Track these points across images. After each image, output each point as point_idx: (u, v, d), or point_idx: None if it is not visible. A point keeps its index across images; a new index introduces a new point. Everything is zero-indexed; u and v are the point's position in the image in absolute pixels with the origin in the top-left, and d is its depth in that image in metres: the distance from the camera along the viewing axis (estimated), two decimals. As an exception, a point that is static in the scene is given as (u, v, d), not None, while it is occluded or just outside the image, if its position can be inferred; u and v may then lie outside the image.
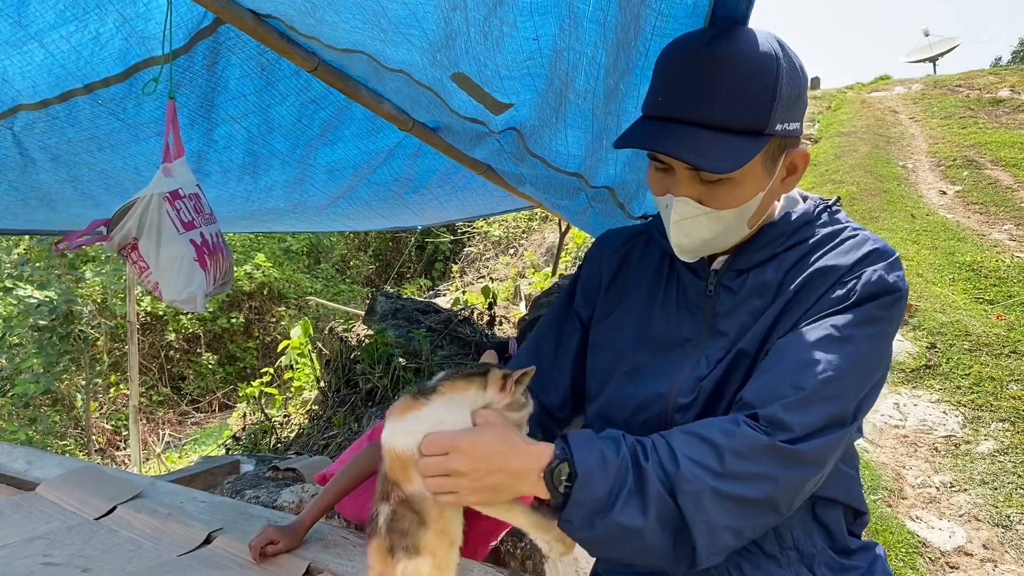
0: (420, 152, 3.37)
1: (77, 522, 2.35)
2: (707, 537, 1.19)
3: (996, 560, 4.09)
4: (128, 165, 3.18)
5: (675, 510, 1.19)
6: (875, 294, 1.32)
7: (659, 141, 1.28)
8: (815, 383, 1.24)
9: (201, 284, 2.61)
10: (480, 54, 1.85)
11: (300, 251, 13.39)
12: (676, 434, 1.25)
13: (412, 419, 1.31)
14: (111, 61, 2.43)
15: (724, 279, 1.48)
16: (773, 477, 1.21)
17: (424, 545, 1.30)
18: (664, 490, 1.18)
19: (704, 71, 1.25)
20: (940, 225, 9.32)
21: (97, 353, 9.79)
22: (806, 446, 1.21)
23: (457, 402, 1.32)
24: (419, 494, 1.29)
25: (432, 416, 1.29)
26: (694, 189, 1.33)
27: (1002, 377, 5.85)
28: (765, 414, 1.24)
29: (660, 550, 1.22)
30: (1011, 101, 14.26)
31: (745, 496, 1.20)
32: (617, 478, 1.19)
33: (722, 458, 1.19)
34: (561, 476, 1.21)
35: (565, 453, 1.21)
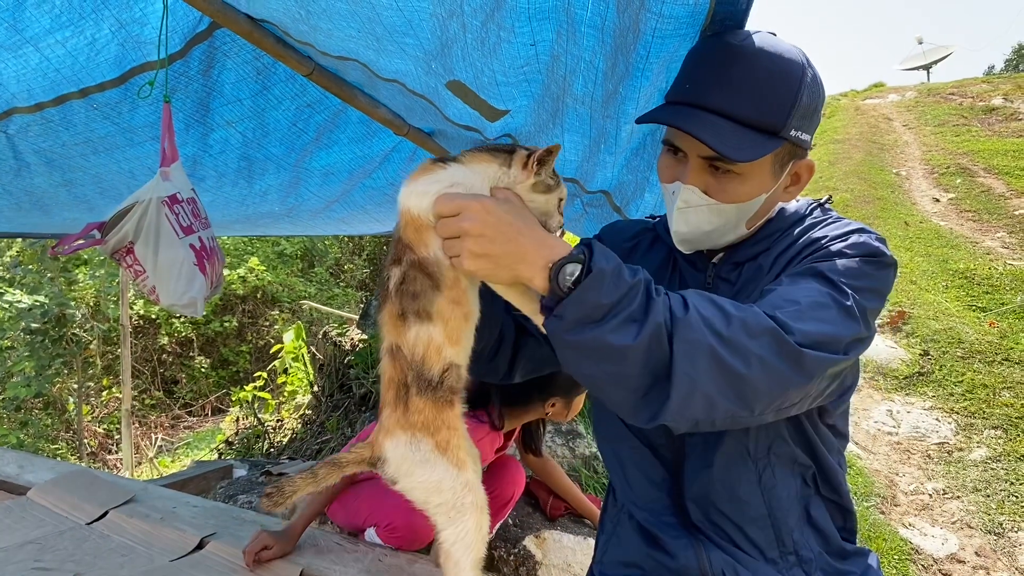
0: (415, 156, 3.36)
1: (69, 527, 2.34)
2: (684, 393, 1.13)
3: (988, 567, 4.10)
4: (123, 169, 3.16)
5: (666, 354, 1.13)
6: (861, 253, 1.34)
7: (683, 120, 1.31)
8: (808, 301, 1.24)
9: (201, 288, 2.61)
10: (477, 60, 1.85)
11: (294, 255, 13.37)
12: (691, 291, 1.22)
13: (427, 180, 1.27)
14: (107, 66, 2.42)
15: (722, 271, 1.53)
16: (767, 362, 1.16)
17: (437, 311, 1.27)
18: (664, 326, 1.14)
19: (733, 64, 1.31)
20: (933, 232, 9.36)
21: (90, 356, 9.76)
22: (805, 349, 1.19)
23: (476, 171, 1.29)
24: (433, 258, 1.25)
25: (448, 178, 1.26)
26: (703, 179, 1.38)
27: (995, 384, 5.87)
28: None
29: (632, 384, 1.17)
30: (1004, 109, 14.34)
31: (735, 369, 1.14)
32: (625, 295, 1.13)
33: (729, 323, 1.16)
34: (569, 275, 1.14)
35: (582, 255, 1.15)
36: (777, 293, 1.28)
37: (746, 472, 1.47)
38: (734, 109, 1.30)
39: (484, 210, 1.17)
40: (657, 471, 1.59)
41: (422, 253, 1.26)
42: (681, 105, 1.35)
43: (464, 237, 1.17)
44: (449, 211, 1.20)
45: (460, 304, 1.28)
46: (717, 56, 1.34)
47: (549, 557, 3.05)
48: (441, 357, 1.28)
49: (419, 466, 1.32)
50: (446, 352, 1.29)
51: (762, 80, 1.30)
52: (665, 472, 1.58)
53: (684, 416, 1.16)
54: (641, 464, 1.62)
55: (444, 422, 1.31)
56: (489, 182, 1.28)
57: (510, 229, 1.17)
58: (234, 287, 11.41)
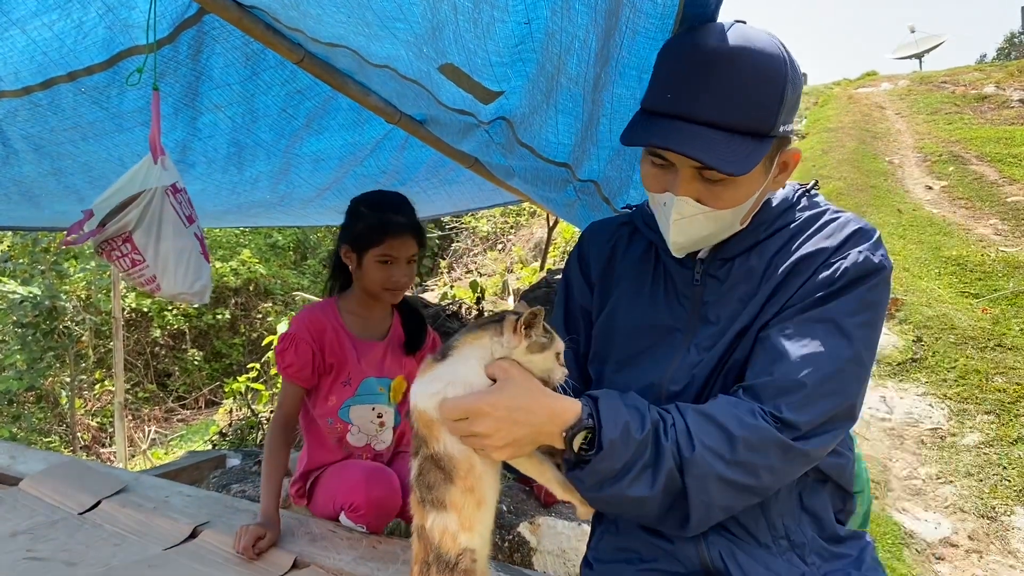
0: (407, 144, 3.35)
1: (61, 517, 2.33)
2: (702, 513, 1.27)
3: (982, 551, 4.12)
4: (112, 156, 3.14)
5: (680, 485, 1.25)
6: (863, 276, 1.35)
7: (671, 139, 1.28)
8: (817, 379, 1.28)
9: (209, 276, 2.66)
10: (469, 42, 1.83)
11: (286, 246, 13.34)
12: (692, 414, 1.29)
13: (429, 379, 1.34)
14: (94, 49, 2.40)
15: (710, 268, 1.51)
16: (775, 469, 1.27)
17: (450, 501, 1.33)
18: (675, 468, 1.25)
19: (714, 70, 1.25)
20: (926, 220, 9.38)
21: (82, 349, 9.72)
22: (811, 444, 1.27)
23: (469, 356, 1.33)
24: (445, 452, 1.32)
25: (445, 376, 1.32)
26: (695, 188, 1.35)
27: (987, 370, 5.89)
28: (770, 410, 1.28)
29: (656, 513, 1.30)
30: (996, 97, 14.36)
31: (747, 484, 1.26)
32: (636, 452, 1.24)
33: (734, 447, 1.24)
34: (581, 440, 1.26)
35: (591, 420, 1.25)
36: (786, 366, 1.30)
37: None
38: (722, 118, 1.26)
39: (491, 407, 1.23)
40: None
41: (434, 448, 1.33)
42: (664, 117, 1.30)
43: (481, 438, 1.25)
44: (458, 416, 1.26)
45: (473, 492, 1.34)
46: (695, 61, 1.28)
47: (543, 543, 3.05)
48: (456, 543, 1.35)
49: None
50: (460, 538, 1.35)
51: (748, 85, 1.26)
52: None
53: (707, 523, 1.33)
54: None
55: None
56: (485, 360, 1.32)
57: (521, 414, 1.24)
58: (226, 279, 11.37)
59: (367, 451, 2.61)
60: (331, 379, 2.54)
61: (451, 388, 1.29)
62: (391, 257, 2.46)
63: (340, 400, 2.55)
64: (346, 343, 2.54)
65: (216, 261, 11.17)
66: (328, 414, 2.57)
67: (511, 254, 12.18)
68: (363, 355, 2.56)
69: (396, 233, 2.46)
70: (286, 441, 2.45)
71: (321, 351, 2.49)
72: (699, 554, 1.49)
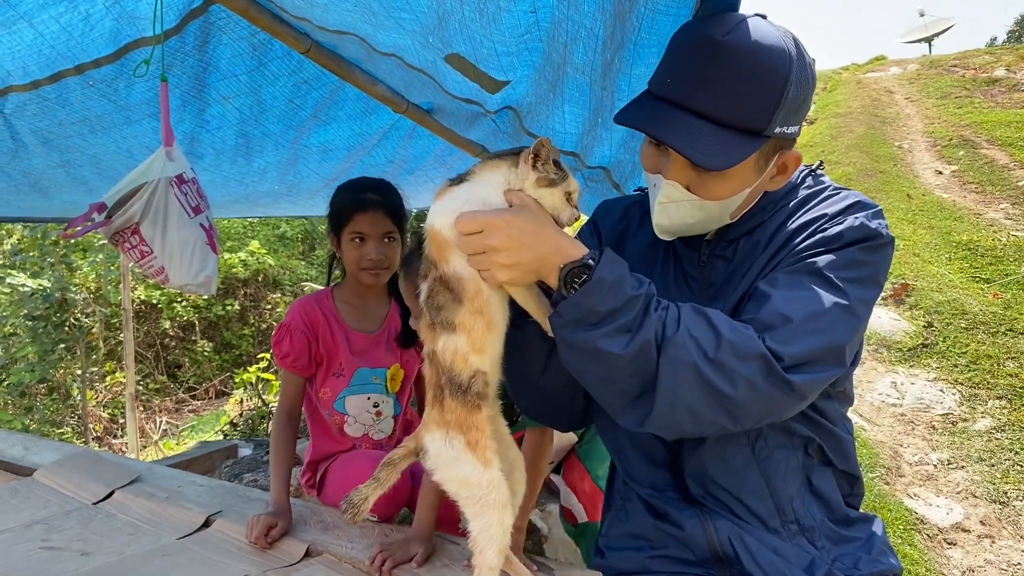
0: (414, 134, 3.34)
1: (75, 507, 2.35)
2: (667, 405, 1.24)
3: (994, 536, 4.11)
4: (121, 148, 3.15)
5: (653, 367, 1.23)
6: (858, 239, 1.35)
7: (657, 126, 1.30)
8: (802, 315, 1.27)
9: (215, 267, 2.65)
10: (476, 32, 1.83)
11: (295, 237, 13.35)
12: (688, 308, 1.28)
13: (446, 199, 1.37)
14: (102, 42, 2.40)
15: (716, 248, 1.52)
16: (755, 385, 1.23)
17: (460, 322, 1.36)
18: (654, 342, 1.23)
19: (715, 63, 1.26)
20: (936, 205, 9.33)
21: (93, 341, 9.76)
22: (796, 377, 1.24)
23: (488, 181, 1.36)
24: (454, 273, 1.35)
25: (463, 195, 1.35)
26: (684, 175, 1.36)
27: (999, 355, 5.87)
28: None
29: (619, 389, 1.28)
30: (1007, 80, 14.25)
31: (720, 389, 1.22)
32: (621, 306, 1.23)
33: (719, 345, 1.22)
34: (576, 278, 1.25)
35: (592, 261, 1.25)
36: (772, 303, 1.30)
37: (739, 446, 1.47)
38: (716, 111, 1.27)
39: (506, 224, 1.25)
40: (657, 450, 1.59)
41: (443, 269, 1.35)
42: (661, 102, 1.32)
43: (491, 252, 1.26)
44: (472, 229, 1.27)
45: (482, 314, 1.36)
46: (700, 51, 1.28)
47: (555, 531, 3.06)
48: (468, 364, 1.38)
49: (451, 461, 1.43)
50: (471, 360, 1.38)
51: (745, 82, 1.26)
52: (664, 450, 1.58)
53: (669, 425, 1.28)
54: (641, 444, 1.62)
55: (473, 423, 1.41)
56: (502, 187, 1.34)
57: (531, 238, 1.26)
58: (235, 271, 11.39)
59: (365, 441, 2.62)
60: (324, 370, 2.56)
61: (469, 205, 1.31)
62: (362, 234, 2.48)
63: (335, 392, 2.57)
64: (338, 333, 2.56)
65: (225, 252, 11.19)
66: (324, 406, 2.59)
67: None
68: (355, 345, 2.58)
69: (364, 208, 2.48)
70: (291, 431, 2.47)
71: (315, 340, 2.51)
72: (708, 540, 1.49)
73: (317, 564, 2.02)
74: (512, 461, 1.54)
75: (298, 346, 2.48)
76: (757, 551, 1.45)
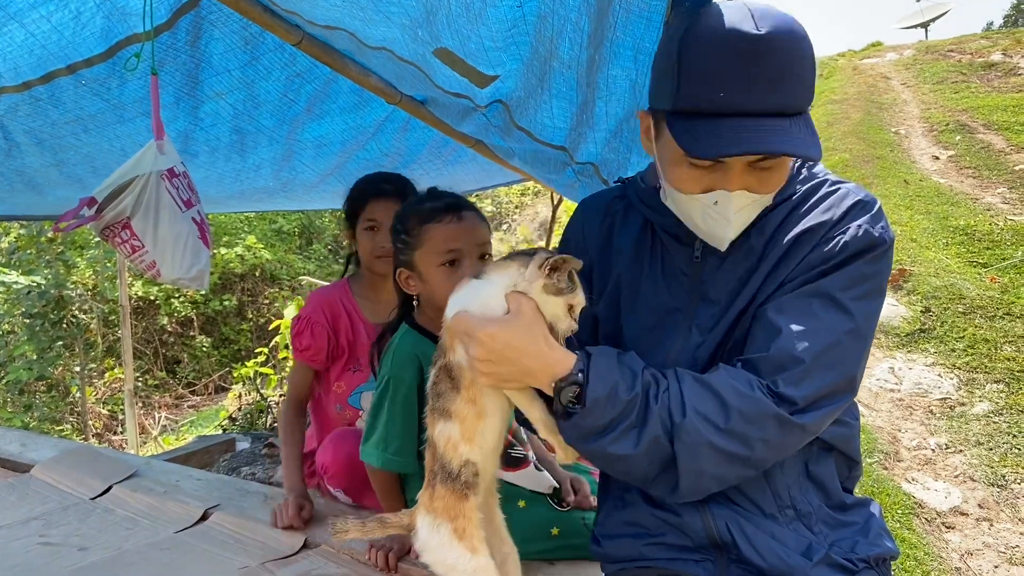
0: (409, 126, 3.34)
1: (73, 502, 2.36)
2: (692, 481, 1.28)
3: (992, 519, 4.13)
4: (114, 147, 3.14)
5: (669, 452, 1.25)
6: (862, 250, 1.33)
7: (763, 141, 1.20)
8: (813, 353, 1.27)
9: (207, 261, 2.64)
10: (463, 27, 1.83)
11: (292, 232, 13.34)
12: (689, 381, 1.29)
13: (458, 294, 1.42)
14: (93, 40, 2.39)
15: (709, 247, 1.47)
16: (771, 441, 1.26)
17: (455, 410, 1.40)
18: (663, 434, 1.25)
19: (763, 59, 1.20)
20: (933, 190, 9.33)
21: (91, 338, 9.76)
22: (808, 418, 1.26)
23: (494, 282, 1.38)
24: (455, 362, 1.39)
25: (469, 294, 1.39)
26: (748, 180, 1.31)
27: (996, 339, 5.88)
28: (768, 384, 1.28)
29: (643, 473, 1.31)
30: (1003, 65, 14.22)
31: (739, 453, 1.25)
32: (622, 412, 1.25)
33: (728, 416, 1.24)
34: (569, 395, 1.27)
35: (581, 376, 1.26)
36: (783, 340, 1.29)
37: None
38: (788, 104, 1.22)
39: (488, 337, 1.28)
40: None
41: (449, 357, 1.40)
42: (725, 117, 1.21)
43: (472, 360, 1.31)
44: (462, 331, 1.34)
45: (475, 403, 1.39)
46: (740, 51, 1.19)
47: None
48: (458, 453, 1.41)
49: (437, 547, 1.44)
50: (462, 448, 1.41)
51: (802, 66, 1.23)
52: None
53: (698, 494, 1.33)
54: None
55: (461, 511, 1.42)
56: (506, 289, 1.36)
57: (513, 352, 1.28)
58: (232, 265, 11.38)
59: None
60: (341, 364, 2.54)
61: (471, 305, 1.36)
62: (375, 222, 2.46)
63: (350, 386, 2.55)
64: (359, 327, 2.54)
65: (221, 247, 11.19)
66: (337, 400, 2.56)
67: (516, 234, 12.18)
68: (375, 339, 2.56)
69: (377, 197, 2.47)
70: (301, 420, 2.48)
71: (335, 334, 2.50)
72: (706, 527, 1.49)
73: (315, 555, 2.04)
74: (505, 554, 1.56)
75: (319, 340, 2.48)
76: (754, 536, 1.45)
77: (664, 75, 1.29)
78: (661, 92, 1.31)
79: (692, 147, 1.23)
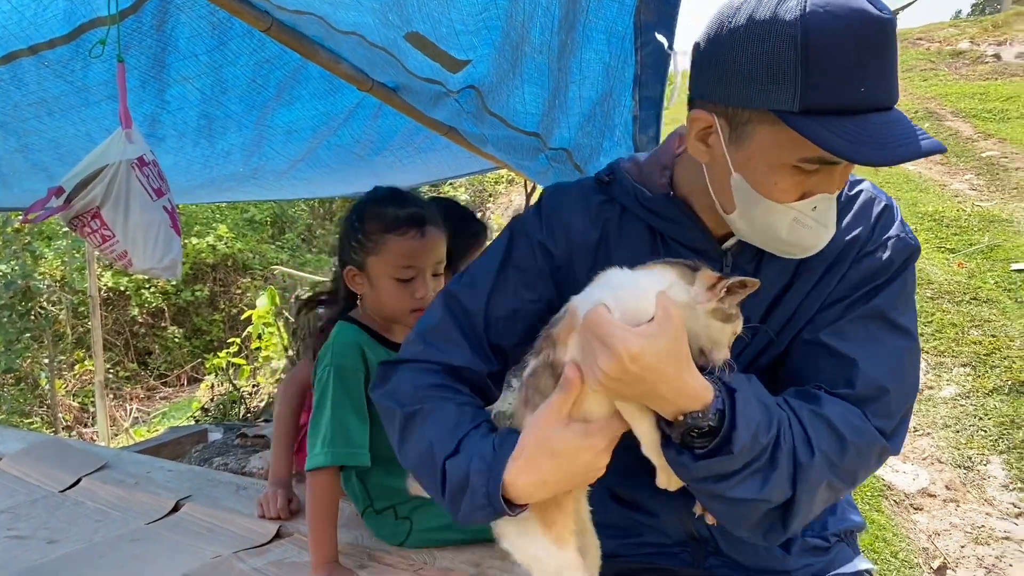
0: (380, 112, 3.31)
1: (41, 495, 2.33)
2: (801, 521, 1.19)
3: (958, 500, 4.20)
4: (80, 131, 3.09)
5: (789, 493, 1.15)
6: (904, 261, 1.31)
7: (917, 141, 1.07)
8: (893, 381, 1.24)
9: (179, 250, 2.61)
10: (434, 11, 1.81)
11: (264, 221, 13.20)
12: (807, 414, 1.18)
13: (599, 283, 1.22)
14: (55, 21, 2.35)
15: (740, 260, 1.34)
16: (869, 472, 1.24)
17: None
18: (788, 477, 1.14)
19: (894, 47, 1.08)
20: (902, 176, 9.44)
21: (60, 329, 9.63)
22: (898, 443, 1.25)
23: (648, 285, 1.16)
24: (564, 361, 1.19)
25: (614, 285, 1.19)
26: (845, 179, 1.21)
27: (963, 323, 5.97)
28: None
29: (752, 523, 1.19)
30: (971, 53, 14.40)
31: (843, 488, 1.22)
32: (755, 456, 1.12)
33: (844, 453, 1.18)
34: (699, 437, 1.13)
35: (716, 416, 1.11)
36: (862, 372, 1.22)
37: None
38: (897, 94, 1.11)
39: (630, 358, 1.05)
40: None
41: (559, 353, 1.20)
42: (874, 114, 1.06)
43: (596, 369, 1.09)
44: (597, 334, 1.09)
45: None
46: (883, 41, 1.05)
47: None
48: None
49: (519, 536, 1.28)
50: None
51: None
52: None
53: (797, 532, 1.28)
54: None
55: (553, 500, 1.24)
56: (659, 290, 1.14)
57: (652, 375, 1.07)
58: (204, 255, 11.26)
59: None
60: None
61: (612, 302, 1.13)
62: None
63: None
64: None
65: (192, 237, 11.07)
66: None
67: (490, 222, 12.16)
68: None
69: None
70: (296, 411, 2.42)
71: None
72: (684, 525, 1.49)
73: (288, 543, 2.03)
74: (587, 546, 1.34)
75: None
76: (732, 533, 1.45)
77: (769, 69, 1.06)
78: (761, 90, 1.08)
79: (852, 152, 1.04)
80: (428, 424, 1.29)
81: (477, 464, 1.19)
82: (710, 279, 1.16)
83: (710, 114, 1.18)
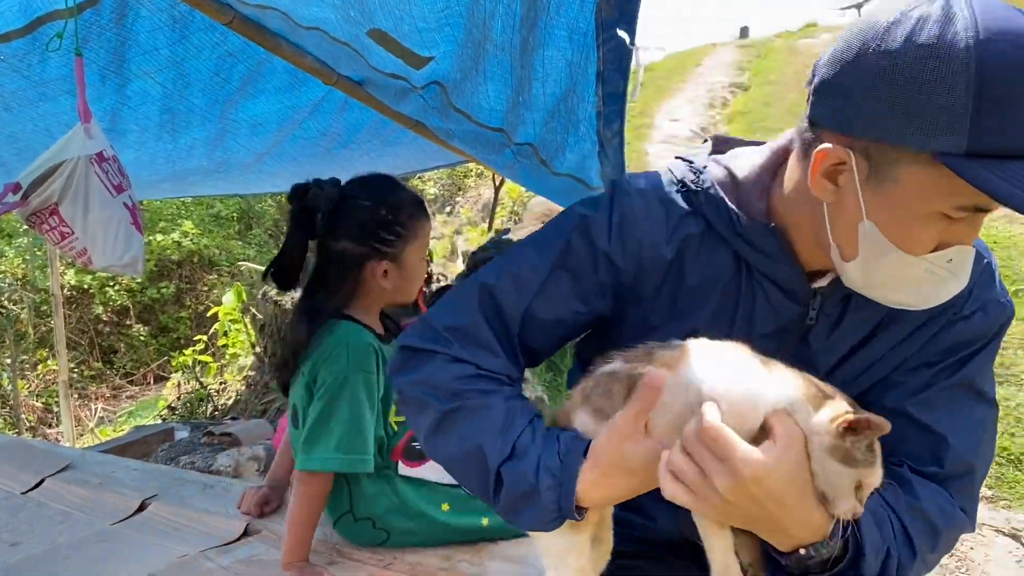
0: (347, 106, 3.29)
1: (2, 497, 2.30)
2: None
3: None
4: (38, 127, 3.04)
5: None
6: (1000, 328, 1.22)
7: None
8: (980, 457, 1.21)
9: (140, 247, 2.56)
10: (395, 8, 1.81)
11: (230, 217, 13.09)
12: (905, 511, 1.12)
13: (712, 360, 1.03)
14: (11, 14, 2.30)
15: (827, 305, 1.20)
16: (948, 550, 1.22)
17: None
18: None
19: None
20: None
21: (22, 329, 9.48)
22: (975, 522, 1.22)
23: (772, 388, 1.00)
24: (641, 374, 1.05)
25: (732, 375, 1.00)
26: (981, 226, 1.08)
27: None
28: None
29: None
30: (933, 46, 14.60)
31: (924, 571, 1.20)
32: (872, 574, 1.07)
33: (937, 546, 1.16)
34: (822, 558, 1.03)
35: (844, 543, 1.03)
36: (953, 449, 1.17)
37: None
38: None
39: (753, 481, 0.92)
40: None
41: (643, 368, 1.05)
42: None
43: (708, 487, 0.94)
44: (714, 448, 0.93)
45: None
46: None
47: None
48: None
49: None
50: None
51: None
52: None
53: None
54: None
55: None
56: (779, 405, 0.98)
57: (773, 504, 0.95)
58: (169, 252, 11.15)
59: None
60: None
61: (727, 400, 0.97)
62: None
63: None
64: None
65: (157, 234, 10.94)
66: None
67: (459, 216, 12.16)
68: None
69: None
70: None
71: None
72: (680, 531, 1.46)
73: (256, 541, 2.02)
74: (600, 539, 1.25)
75: None
76: None
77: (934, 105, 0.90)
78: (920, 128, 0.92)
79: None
80: (473, 423, 1.17)
81: (546, 480, 1.08)
82: (835, 413, 0.96)
83: (845, 149, 1.02)
